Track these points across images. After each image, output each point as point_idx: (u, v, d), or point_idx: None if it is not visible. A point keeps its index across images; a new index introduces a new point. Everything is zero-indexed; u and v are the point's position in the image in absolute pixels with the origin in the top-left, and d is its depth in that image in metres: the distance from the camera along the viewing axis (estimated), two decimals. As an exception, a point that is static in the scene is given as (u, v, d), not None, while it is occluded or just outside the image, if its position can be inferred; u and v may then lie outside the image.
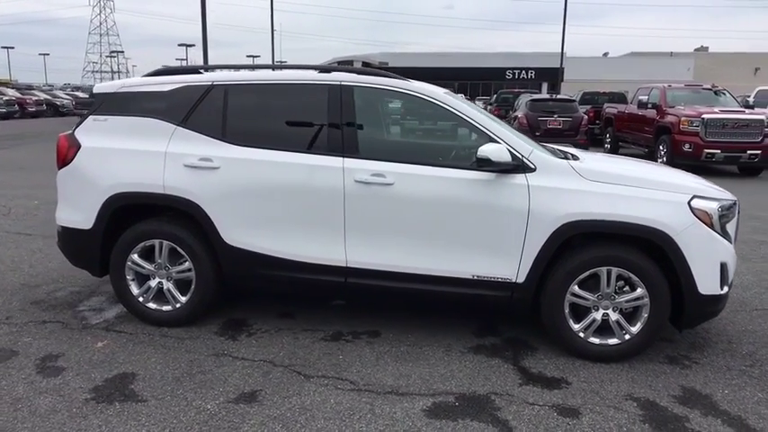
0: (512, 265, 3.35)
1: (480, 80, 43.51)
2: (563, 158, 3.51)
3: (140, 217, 3.75)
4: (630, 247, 3.30)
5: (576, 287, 3.33)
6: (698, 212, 3.25)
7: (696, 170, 4.48)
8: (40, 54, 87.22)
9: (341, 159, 3.45)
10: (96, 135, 3.74)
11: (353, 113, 3.53)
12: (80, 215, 3.72)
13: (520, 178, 3.33)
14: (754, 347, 3.65)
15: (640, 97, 13.94)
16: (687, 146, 11.57)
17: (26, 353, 3.37)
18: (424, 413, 2.81)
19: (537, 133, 13.33)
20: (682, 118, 11.79)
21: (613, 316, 3.35)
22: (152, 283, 3.73)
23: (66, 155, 3.75)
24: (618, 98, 19.23)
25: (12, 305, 4.10)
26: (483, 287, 3.40)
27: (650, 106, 13.26)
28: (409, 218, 3.40)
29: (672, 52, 51.37)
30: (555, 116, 14.21)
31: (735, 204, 3.48)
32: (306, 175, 3.47)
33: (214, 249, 3.61)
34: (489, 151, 3.25)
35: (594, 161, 3.68)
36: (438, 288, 3.45)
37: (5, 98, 27.46)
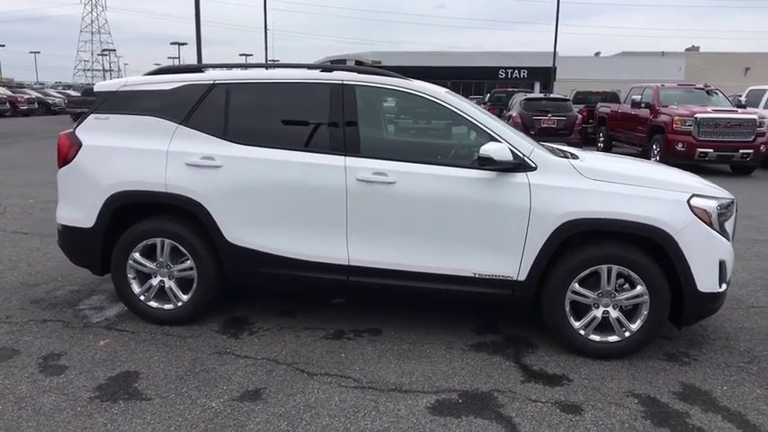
0: (513, 264, 3.38)
1: (473, 79, 43.53)
2: (563, 157, 3.54)
3: (141, 216, 3.75)
4: (630, 246, 3.33)
5: (577, 285, 3.36)
6: (697, 211, 3.29)
7: (689, 169, 4.52)
8: (31, 52, 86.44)
9: (343, 158, 3.46)
10: (97, 133, 3.73)
11: (355, 112, 3.54)
12: (81, 214, 3.71)
13: (521, 177, 3.35)
14: (751, 344, 3.70)
15: (633, 97, 14.03)
16: (680, 145, 11.67)
17: (28, 351, 3.36)
18: (428, 410, 2.83)
19: (531, 132, 13.38)
20: (675, 117, 11.89)
21: (614, 313, 3.38)
22: (153, 282, 3.73)
23: (66, 153, 3.74)
24: (611, 98, 19.36)
25: (11, 304, 4.08)
26: (484, 285, 3.43)
27: (643, 106, 13.35)
28: (411, 216, 3.42)
29: (663, 52, 51.64)
30: (549, 115, 14.28)
31: (733, 203, 3.52)
32: (308, 174, 3.47)
33: (216, 248, 3.61)
34: (491, 150, 3.27)
35: (594, 160, 3.71)
36: (439, 286, 3.48)
37: (-4, 96, 27.23)
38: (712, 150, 11.46)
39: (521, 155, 3.38)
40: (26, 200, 7.75)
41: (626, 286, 3.36)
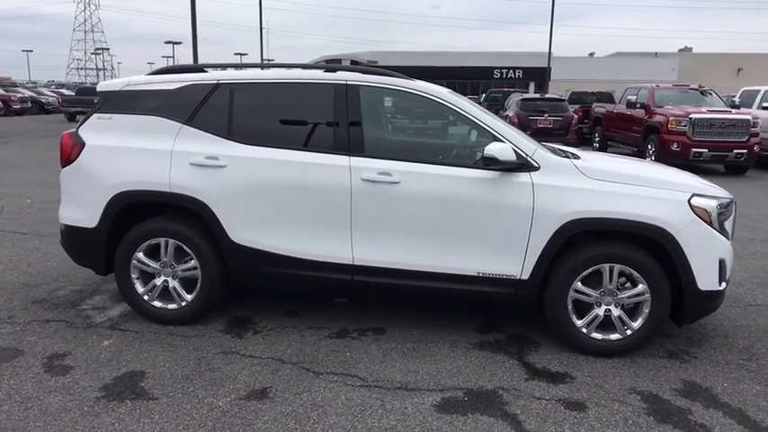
0: (516, 263, 3.41)
1: (468, 79, 43.63)
2: (565, 157, 3.58)
3: (144, 215, 3.75)
4: (632, 244, 3.37)
5: (579, 284, 3.40)
6: (697, 210, 3.33)
7: (684, 169, 4.56)
8: (23, 51, 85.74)
9: (347, 158, 3.48)
10: (101, 133, 3.73)
11: (359, 112, 3.56)
12: (84, 213, 3.71)
13: (524, 177, 3.38)
14: (749, 342, 3.75)
15: (629, 97, 14.12)
16: (675, 145, 11.76)
17: (32, 352, 3.36)
18: (435, 408, 2.86)
19: (528, 132, 13.38)
20: (670, 118, 11.98)
21: (615, 312, 3.42)
22: (157, 282, 3.73)
23: (69, 153, 3.74)
24: (605, 98, 19.44)
25: (13, 304, 4.08)
26: (488, 284, 3.46)
27: (639, 106, 13.44)
28: (415, 216, 3.44)
29: (657, 52, 51.94)
30: (545, 115, 14.37)
31: (732, 202, 3.57)
32: (312, 174, 3.49)
33: (220, 247, 3.62)
34: (495, 150, 3.30)
35: (595, 160, 3.75)
36: (443, 285, 3.50)
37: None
38: (707, 150, 11.56)
39: (524, 155, 3.41)
40: (23, 199, 7.72)
41: (627, 285, 3.40)
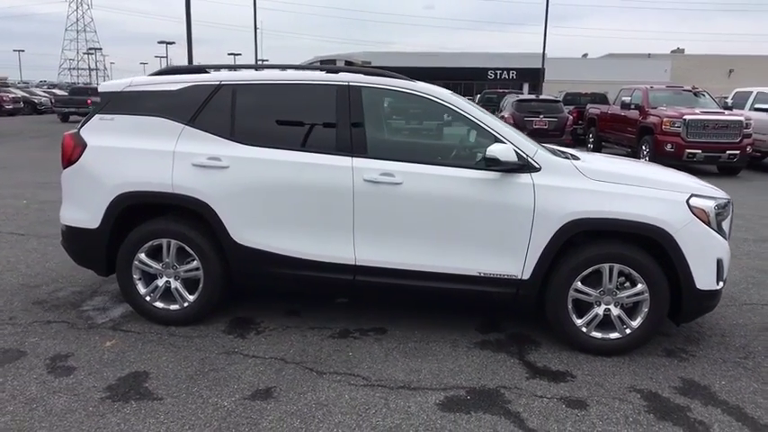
0: (517, 263, 3.44)
1: (462, 80, 43.71)
2: (565, 158, 3.62)
3: (146, 216, 3.76)
4: (631, 244, 3.41)
5: (579, 283, 3.43)
6: (696, 210, 3.37)
7: (678, 169, 4.61)
8: (15, 50, 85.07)
9: (350, 159, 3.51)
10: (102, 134, 3.73)
11: (362, 113, 3.58)
12: (86, 214, 3.71)
13: (525, 177, 3.42)
14: (746, 340, 3.80)
15: (623, 98, 14.20)
16: (669, 146, 11.85)
17: (35, 353, 3.36)
18: (438, 407, 2.89)
19: (524, 133, 13.50)
20: (664, 119, 12.07)
21: (615, 311, 3.46)
22: (159, 283, 3.74)
23: (71, 154, 3.74)
24: (599, 99, 19.58)
25: (13, 305, 4.07)
26: (489, 284, 3.49)
27: (633, 107, 13.53)
28: (417, 216, 3.47)
29: (649, 54, 52.29)
30: (541, 116, 14.44)
31: (729, 203, 3.62)
32: (315, 175, 3.51)
33: (222, 248, 3.63)
34: (497, 151, 3.34)
35: (595, 161, 3.79)
36: (445, 285, 3.53)
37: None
38: (700, 151, 11.66)
39: (525, 156, 3.44)
40: (19, 200, 7.68)
41: (627, 284, 3.44)
